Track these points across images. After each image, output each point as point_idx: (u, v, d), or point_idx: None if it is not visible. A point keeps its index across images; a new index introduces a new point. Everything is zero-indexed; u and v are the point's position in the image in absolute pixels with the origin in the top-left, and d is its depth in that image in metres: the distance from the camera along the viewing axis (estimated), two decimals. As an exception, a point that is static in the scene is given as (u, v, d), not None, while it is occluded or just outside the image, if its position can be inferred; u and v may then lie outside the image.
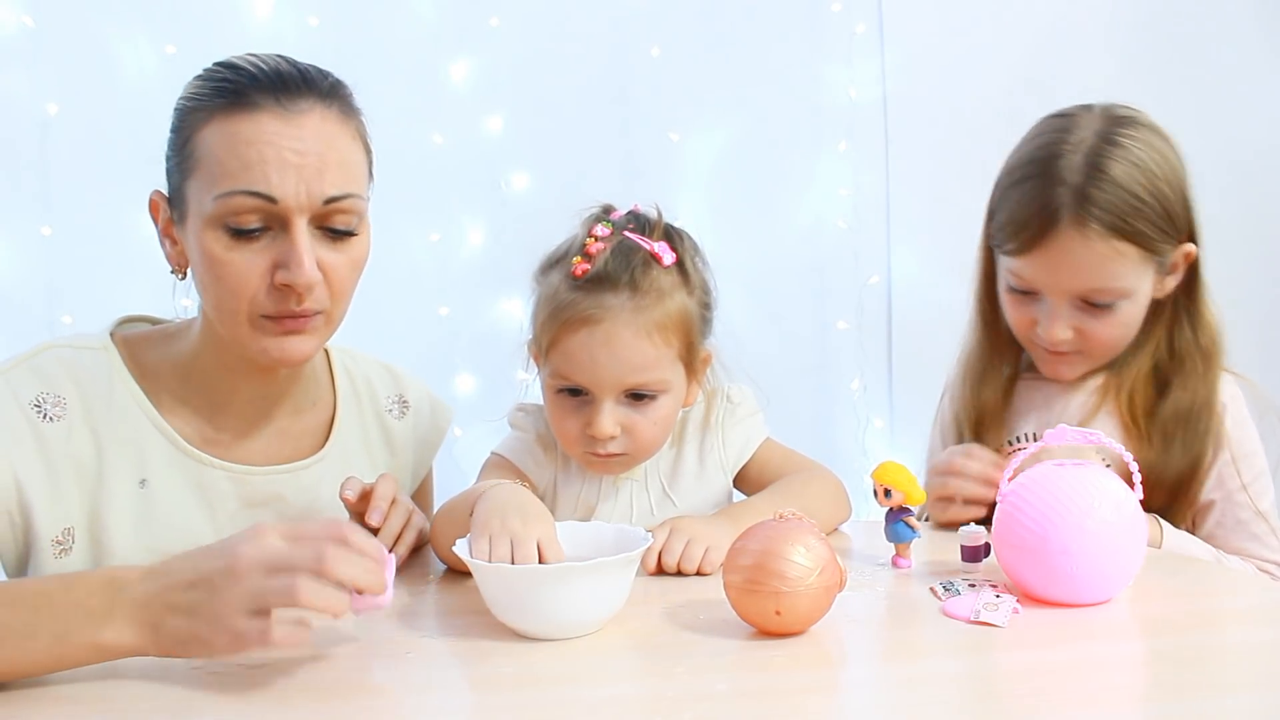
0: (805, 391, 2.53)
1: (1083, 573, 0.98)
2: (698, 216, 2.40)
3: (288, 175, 1.07)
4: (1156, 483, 1.30)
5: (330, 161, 1.09)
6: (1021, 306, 1.35)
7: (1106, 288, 1.28)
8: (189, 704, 0.85)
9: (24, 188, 2.25)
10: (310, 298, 1.10)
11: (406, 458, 1.38)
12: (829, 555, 0.94)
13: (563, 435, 1.21)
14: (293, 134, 1.08)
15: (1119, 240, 1.26)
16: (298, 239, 1.08)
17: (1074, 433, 1.06)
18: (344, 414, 1.32)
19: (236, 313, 1.11)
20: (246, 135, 1.07)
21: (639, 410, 1.18)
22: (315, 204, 1.08)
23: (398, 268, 2.34)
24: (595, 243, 1.16)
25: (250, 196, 1.06)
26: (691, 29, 2.45)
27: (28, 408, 1.13)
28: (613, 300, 1.14)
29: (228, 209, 1.07)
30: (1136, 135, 1.29)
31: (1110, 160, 1.27)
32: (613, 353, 1.14)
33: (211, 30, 2.25)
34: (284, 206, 1.07)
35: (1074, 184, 1.26)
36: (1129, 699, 0.84)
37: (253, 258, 1.09)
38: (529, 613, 0.95)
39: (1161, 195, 1.28)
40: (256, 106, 1.08)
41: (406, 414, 1.38)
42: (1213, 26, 2.47)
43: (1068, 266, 1.28)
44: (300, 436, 1.27)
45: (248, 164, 1.06)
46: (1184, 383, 1.34)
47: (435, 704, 0.87)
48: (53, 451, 1.13)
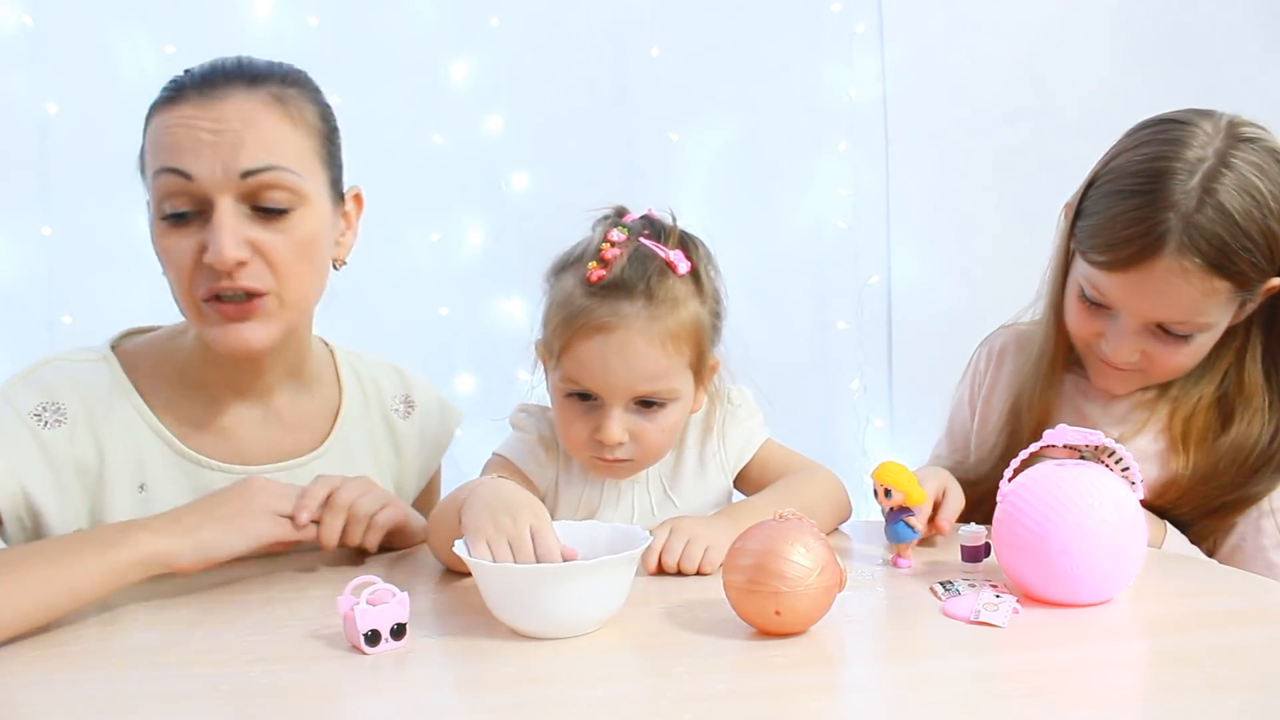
0: (805, 391, 2.53)
1: (1083, 573, 0.98)
2: (698, 216, 2.37)
3: (202, 153, 1.09)
4: (1193, 503, 1.28)
5: (248, 138, 1.10)
6: (1091, 319, 1.27)
7: (1191, 321, 1.21)
8: (188, 703, 0.85)
9: (24, 188, 2.25)
10: (242, 275, 1.11)
11: (412, 459, 1.38)
12: (829, 555, 0.93)
13: (569, 438, 1.21)
14: (210, 115, 1.10)
15: (1218, 278, 1.18)
16: (216, 217, 1.10)
17: (1074, 433, 1.06)
18: (349, 412, 1.32)
19: (183, 300, 1.14)
20: (169, 122, 1.11)
21: (647, 417, 1.17)
22: (232, 178, 1.10)
23: (398, 268, 2.34)
24: (611, 248, 1.15)
25: (170, 174, 1.10)
26: (691, 29, 2.45)
27: (28, 417, 1.14)
28: (628, 308, 1.13)
29: (157, 193, 1.11)
30: (1257, 161, 1.19)
31: (1228, 192, 1.17)
32: (626, 361, 1.14)
33: (211, 30, 2.25)
34: (200, 184, 1.09)
35: (1185, 212, 1.16)
36: (1129, 699, 0.84)
37: (183, 241, 1.11)
38: (528, 612, 0.95)
39: (1270, 233, 1.18)
40: (182, 98, 1.12)
41: (412, 414, 1.38)
42: (1213, 26, 2.47)
43: (1158, 295, 1.20)
44: (299, 434, 1.27)
45: (165, 146, 1.11)
46: (1248, 416, 1.28)
47: (434, 704, 0.87)
48: (56, 457, 1.15)
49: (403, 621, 0.95)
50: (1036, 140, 2.34)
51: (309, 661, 0.92)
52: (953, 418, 1.52)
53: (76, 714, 0.85)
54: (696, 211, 2.36)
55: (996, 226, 2.35)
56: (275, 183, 1.12)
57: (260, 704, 0.85)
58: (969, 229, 2.42)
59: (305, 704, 0.85)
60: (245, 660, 0.93)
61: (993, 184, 2.37)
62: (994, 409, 1.44)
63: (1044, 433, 1.07)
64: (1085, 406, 1.36)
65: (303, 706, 0.85)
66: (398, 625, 0.94)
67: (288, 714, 0.84)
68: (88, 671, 0.92)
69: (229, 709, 0.84)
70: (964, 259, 2.46)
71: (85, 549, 1.02)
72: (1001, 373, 1.45)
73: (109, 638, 1.00)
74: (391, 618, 0.94)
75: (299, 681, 0.89)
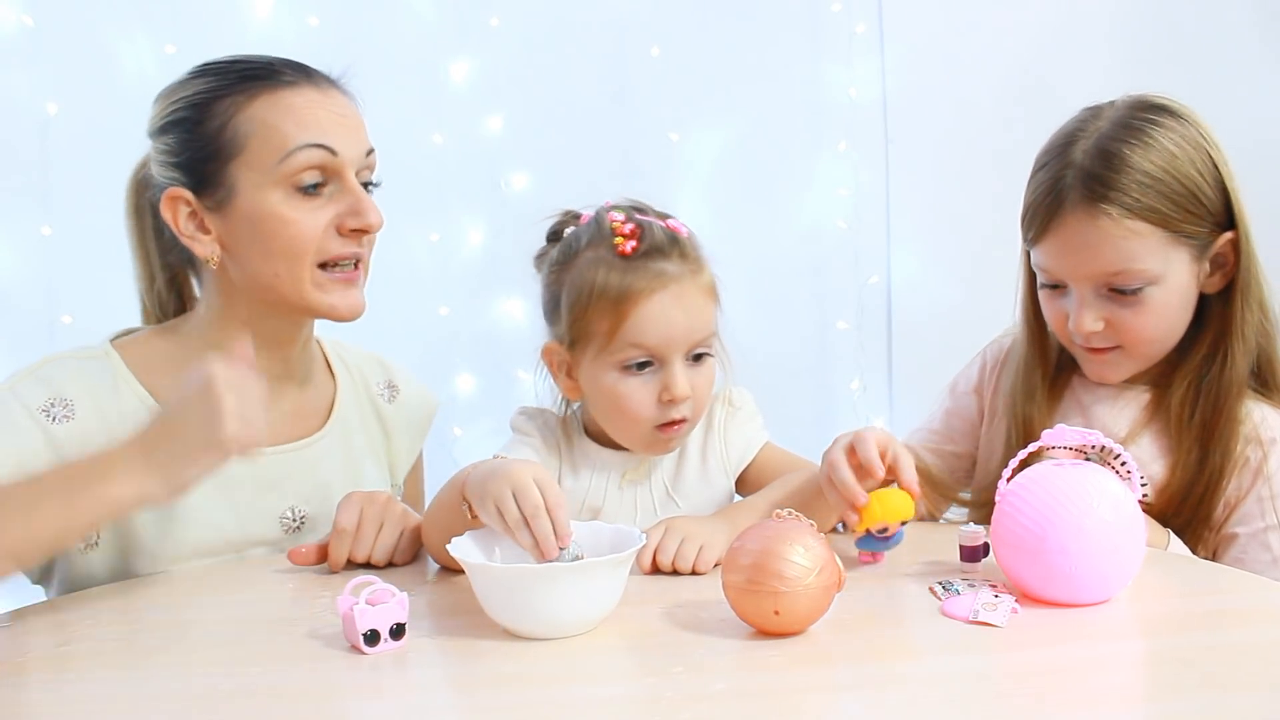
0: (805, 391, 2.52)
1: (1081, 572, 0.98)
2: (698, 216, 2.37)
3: (339, 131, 1.21)
4: (1183, 498, 1.28)
5: (360, 122, 1.26)
6: (1053, 302, 1.31)
7: (1126, 269, 1.23)
8: (188, 702, 0.85)
9: (24, 188, 2.25)
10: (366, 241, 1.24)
11: (400, 439, 1.44)
12: (828, 555, 0.94)
13: (632, 415, 1.20)
14: (333, 101, 1.23)
15: (1132, 219, 1.21)
16: (358, 189, 1.22)
17: (1073, 432, 1.06)
18: (343, 395, 1.37)
19: (302, 269, 1.20)
20: (297, 103, 1.20)
21: (698, 371, 1.21)
22: (361, 156, 1.23)
23: (398, 268, 2.33)
24: (626, 224, 1.19)
25: (316, 149, 1.19)
26: (691, 29, 2.44)
27: (36, 413, 1.16)
28: (670, 267, 1.18)
29: (294, 166, 1.18)
30: (1159, 120, 1.25)
31: (1122, 143, 1.23)
32: (687, 312, 1.18)
33: (211, 30, 2.25)
34: (342, 159, 1.20)
35: (1081, 165, 1.24)
36: (1128, 699, 0.84)
37: (317, 212, 1.20)
38: (522, 612, 0.95)
39: (1183, 175, 1.23)
40: (294, 83, 1.21)
41: (397, 397, 1.44)
42: (1213, 26, 2.47)
43: (1083, 249, 1.24)
44: (304, 417, 1.32)
45: (306, 124, 1.19)
46: (1217, 389, 1.27)
47: (434, 704, 0.87)
48: (65, 451, 1.15)
49: (402, 621, 0.95)
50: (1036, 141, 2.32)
51: (309, 661, 0.93)
52: (950, 411, 1.51)
53: (77, 714, 0.85)
54: (696, 211, 2.38)
55: (996, 227, 2.33)
56: (374, 163, 1.26)
57: (260, 704, 0.85)
58: (969, 229, 2.41)
59: (305, 704, 0.85)
60: (244, 660, 0.93)
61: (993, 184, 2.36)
62: (997, 428, 1.44)
63: (1042, 433, 1.06)
64: (1094, 408, 1.36)
65: (302, 706, 0.85)
66: (397, 625, 0.94)
67: (287, 714, 0.84)
68: (89, 672, 0.92)
69: (229, 709, 0.84)
70: (964, 259, 2.45)
71: (72, 485, 1.01)
72: (1001, 384, 1.45)
73: (110, 638, 1.00)
74: (391, 618, 0.94)
75: (299, 681, 0.89)
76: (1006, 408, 1.41)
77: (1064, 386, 1.39)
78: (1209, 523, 1.29)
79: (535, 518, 0.97)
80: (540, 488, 0.98)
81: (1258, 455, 1.27)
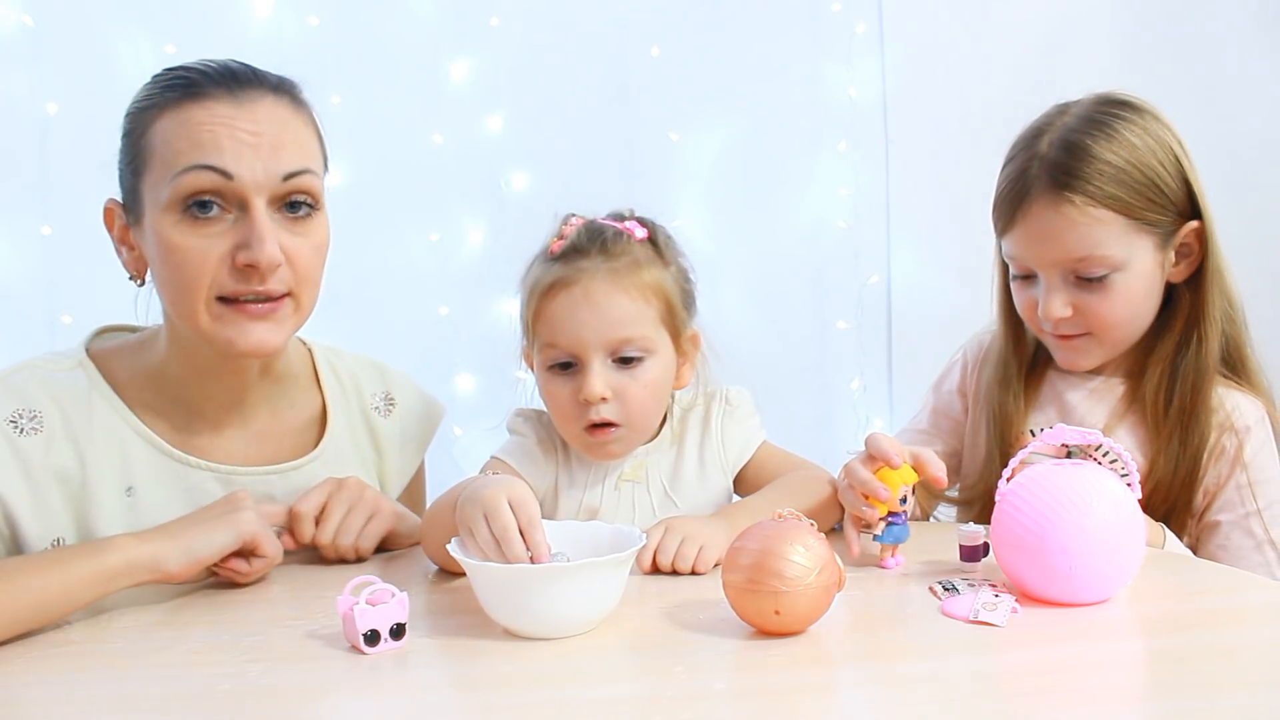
0: (805, 391, 2.52)
1: (1081, 572, 0.98)
2: (698, 216, 2.40)
3: (243, 154, 1.09)
4: (1166, 487, 1.29)
5: (285, 140, 1.12)
6: (1024, 291, 1.34)
7: (1090, 255, 1.27)
8: (188, 703, 0.85)
9: (24, 188, 2.25)
10: (274, 278, 1.11)
11: (393, 457, 1.37)
12: (828, 555, 0.94)
13: (559, 414, 1.22)
14: (246, 117, 1.10)
15: (1095, 207, 1.25)
16: (258, 218, 1.09)
17: (1072, 432, 1.06)
18: (334, 416, 1.31)
19: (195, 301, 1.11)
20: (199, 118, 1.09)
21: (627, 374, 1.19)
22: (274, 181, 1.10)
23: (398, 268, 2.33)
24: (567, 226, 1.22)
25: (205, 170, 1.08)
26: (691, 29, 2.45)
27: (3, 424, 1.13)
28: (586, 263, 1.18)
29: (184, 188, 1.09)
30: (1122, 114, 1.29)
31: (1086, 135, 1.27)
32: (593, 307, 1.17)
33: (211, 30, 2.25)
34: (240, 184, 1.09)
35: (1047, 156, 1.28)
36: (1128, 699, 0.84)
37: (212, 241, 1.10)
38: (522, 612, 0.95)
39: (1145, 165, 1.27)
40: (208, 95, 1.10)
41: (393, 411, 1.37)
42: (1213, 26, 2.47)
43: (1048, 237, 1.28)
44: (283, 438, 1.27)
45: (200, 143, 1.09)
46: (1193, 374, 1.30)
47: (434, 704, 0.87)
48: (31, 464, 1.13)
49: (402, 621, 0.95)
50: (1036, 140, 2.34)
51: (309, 661, 0.93)
52: (936, 410, 1.52)
53: (77, 714, 0.85)
54: (696, 211, 2.38)
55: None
56: (307, 186, 1.13)
57: (259, 704, 0.85)
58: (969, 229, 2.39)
59: (304, 704, 0.85)
60: (244, 660, 0.93)
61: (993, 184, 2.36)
62: (979, 423, 1.45)
63: (1041, 432, 1.07)
64: (1070, 399, 1.38)
65: (302, 706, 0.85)
66: (397, 625, 0.94)
67: (287, 714, 0.84)
68: (88, 671, 0.92)
69: (228, 709, 0.84)
70: (964, 259, 2.44)
71: (75, 556, 1.03)
72: (981, 379, 1.47)
73: (109, 638, 1.00)
74: (390, 618, 0.94)
75: (298, 681, 0.89)
76: (984, 400, 1.43)
77: (1040, 379, 1.42)
78: (1189, 509, 1.32)
79: (504, 539, 0.97)
80: (514, 507, 0.98)
81: (1234, 443, 1.30)
